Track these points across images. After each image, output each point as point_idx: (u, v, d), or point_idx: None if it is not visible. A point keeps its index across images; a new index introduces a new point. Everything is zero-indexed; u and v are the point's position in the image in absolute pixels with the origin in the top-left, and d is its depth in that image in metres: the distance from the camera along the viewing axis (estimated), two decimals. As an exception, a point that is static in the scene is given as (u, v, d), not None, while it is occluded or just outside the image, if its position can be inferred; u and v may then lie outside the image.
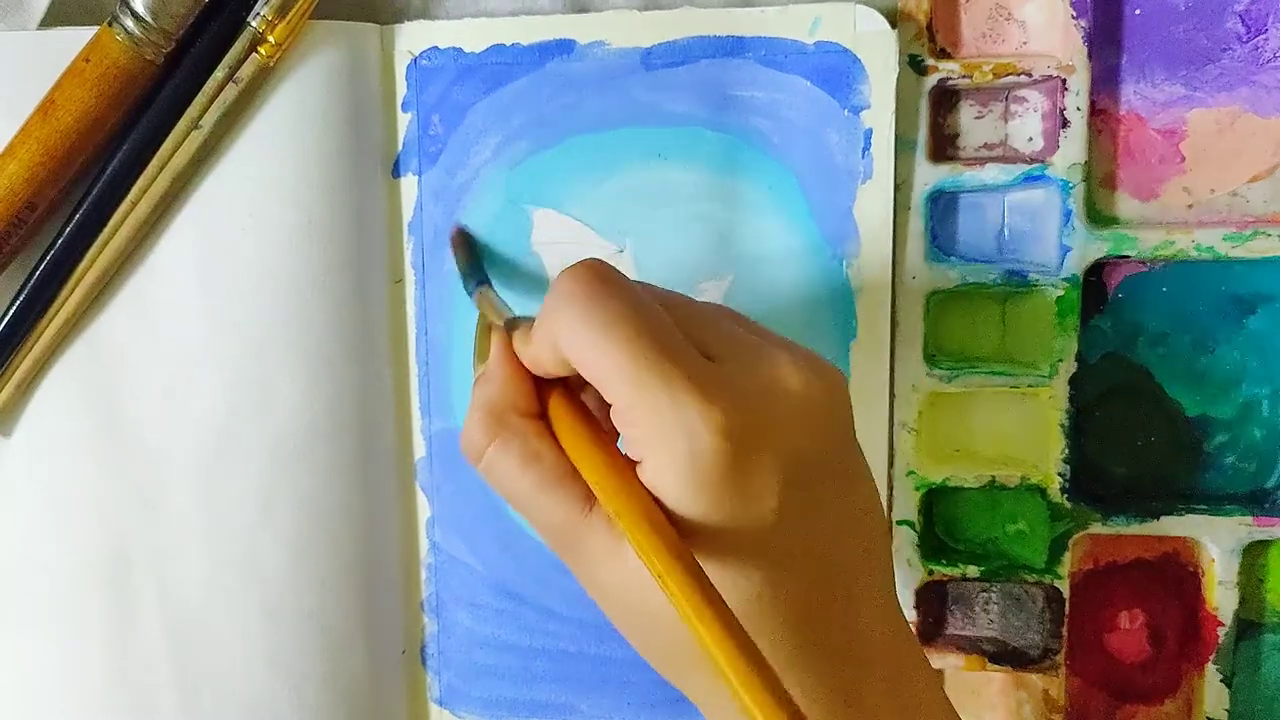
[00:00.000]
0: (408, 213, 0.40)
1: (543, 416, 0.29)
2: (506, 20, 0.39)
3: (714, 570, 0.26)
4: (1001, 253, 0.39)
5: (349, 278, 0.39)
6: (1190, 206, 0.39)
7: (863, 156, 0.38)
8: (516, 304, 0.39)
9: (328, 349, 0.39)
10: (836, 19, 0.37)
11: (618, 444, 0.28)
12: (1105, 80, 0.39)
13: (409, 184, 0.40)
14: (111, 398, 0.39)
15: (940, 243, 0.39)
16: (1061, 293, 0.38)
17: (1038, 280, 0.38)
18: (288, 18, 0.36)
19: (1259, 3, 0.38)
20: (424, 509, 0.41)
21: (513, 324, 0.31)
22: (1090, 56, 0.37)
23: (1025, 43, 0.38)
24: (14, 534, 0.40)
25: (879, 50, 0.37)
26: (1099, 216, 0.39)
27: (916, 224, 0.38)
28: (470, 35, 0.39)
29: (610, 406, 0.27)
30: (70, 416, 0.39)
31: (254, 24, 0.36)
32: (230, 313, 0.39)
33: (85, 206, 0.38)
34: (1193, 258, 0.38)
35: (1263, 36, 0.38)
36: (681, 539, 0.25)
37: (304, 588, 0.40)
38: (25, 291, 0.38)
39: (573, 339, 0.27)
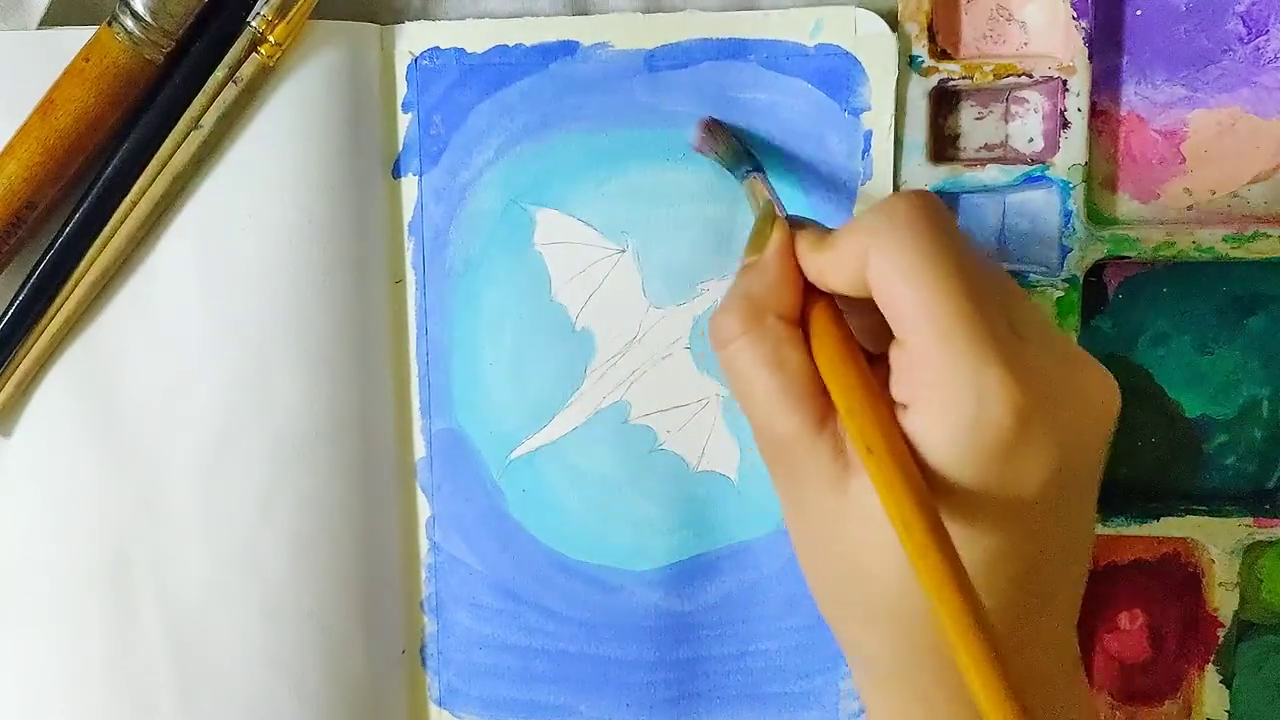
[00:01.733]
0: (408, 213, 0.40)
1: (799, 325, 0.28)
2: (510, 21, 0.39)
3: (952, 525, 0.25)
4: (1002, 253, 0.39)
5: (349, 278, 0.39)
6: (1191, 207, 0.39)
7: (863, 158, 0.38)
8: (517, 303, 0.40)
9: (328, 349, 0.39)
10: (837, 22, 0.37)
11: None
12: (1106, 81, 0.39)
13: (409, 184, 0.40)
14: (111, 398, 0.39)
15: (941, 243, 0.39)
16: (1062, 293, 0.38)
17: (1038, 281, 0.38)
18: (288, 18, 0.36)
19: (1260, 3, 0.38)
20: (424, 509, 0.41)
21: (797, 222, 0.30)
22: (1091, 57, 0.37)
23: (1026, 44, 0.38)
24: (14, 534, 0.40)
25: (879, 52, 0.37)
26: (1099, 217, 0.39)
27: (917, 225, 0.38)
28: (473, 36, 0.39)
29: (891, 338, 0.27)
30: (70, 416, 0.39)
31: (254, 24, 0.36)
32: (230, 313, 0.39)
33: (85, 206, 0.37)
34: (1193, 258, 0.38)
35: (1264, 37, 0.38)
36: (930, 491, 0.25)
37: (304, 588, 0.40)
38: (25, 291, 0.38)
39: (890, 264, 0.26)
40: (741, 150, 0.36)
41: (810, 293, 0.29)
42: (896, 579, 0.26)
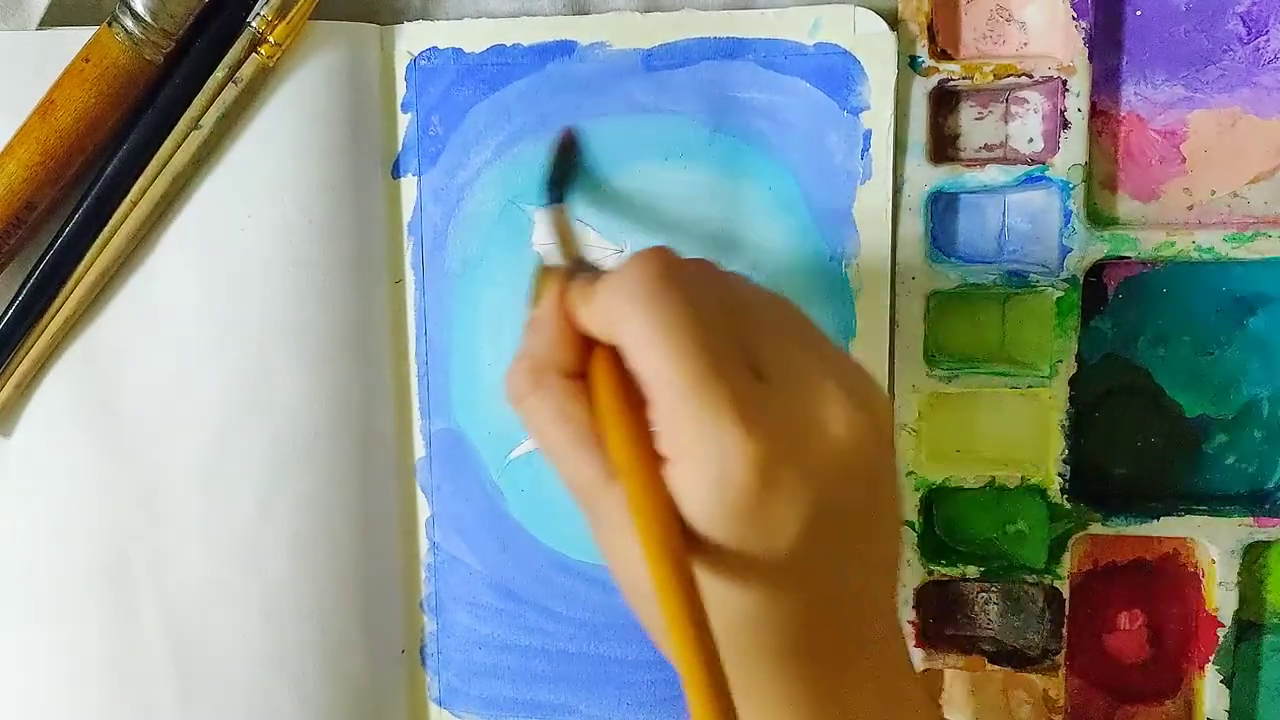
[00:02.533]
0: (408, 213, 0.40)
1: (581, 377, 0.29)
2: (507, 21, 0.39)
3: (713, 582, 0.26)
4: (1002, 253, 0.39)
5: (349, 278, 0.39)
6: (1191, 207, 0.39)
7: (862, 157, 0.38)
8: (516, 303, 0.40)
9: (328, 349, 0.39)
10: (836, 21, 0.37)
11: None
12: (1106, 81, 0.39)
13: (409, 184, 0.40)
14: (111, 398, 0.39)
15: (940, 243, 0.39)
16: (1062, 293, 0.38)
17: (1038, 281, 0.38)
18: (288, 18, 0.36)
19: (1260, 3, 0.38)
20: (424, 509, 0.42)
21: (573, 270, 0.30)
22: (1091, 57, 0.37)
23: (1026, 44, 0.38)
24: (14, 534, 0.40)
25: (878, 52, 0.37)
26: (1099, 217, 0.39)
27: (917, 225, 0.38)
28: (471, 36, 0.39)
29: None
30: (70, 416, 0.39)
31: (254, 24, 0.36)
32: (230, 313, 0.39)
33: (85, 207, 0.38)
34: (1193, 258, 0.38)
35: (1263, 37, 0.38)
36: (685, 544, 0.25)
37: (304, 588, 0.40)
38: (25, 291, 0.38)
39: (629, 331, 0.27)
40: (561, 177, 0.36)
41: (590, 338, 0.29)
42: None
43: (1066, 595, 0.39)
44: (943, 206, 0.39)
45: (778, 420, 0.26)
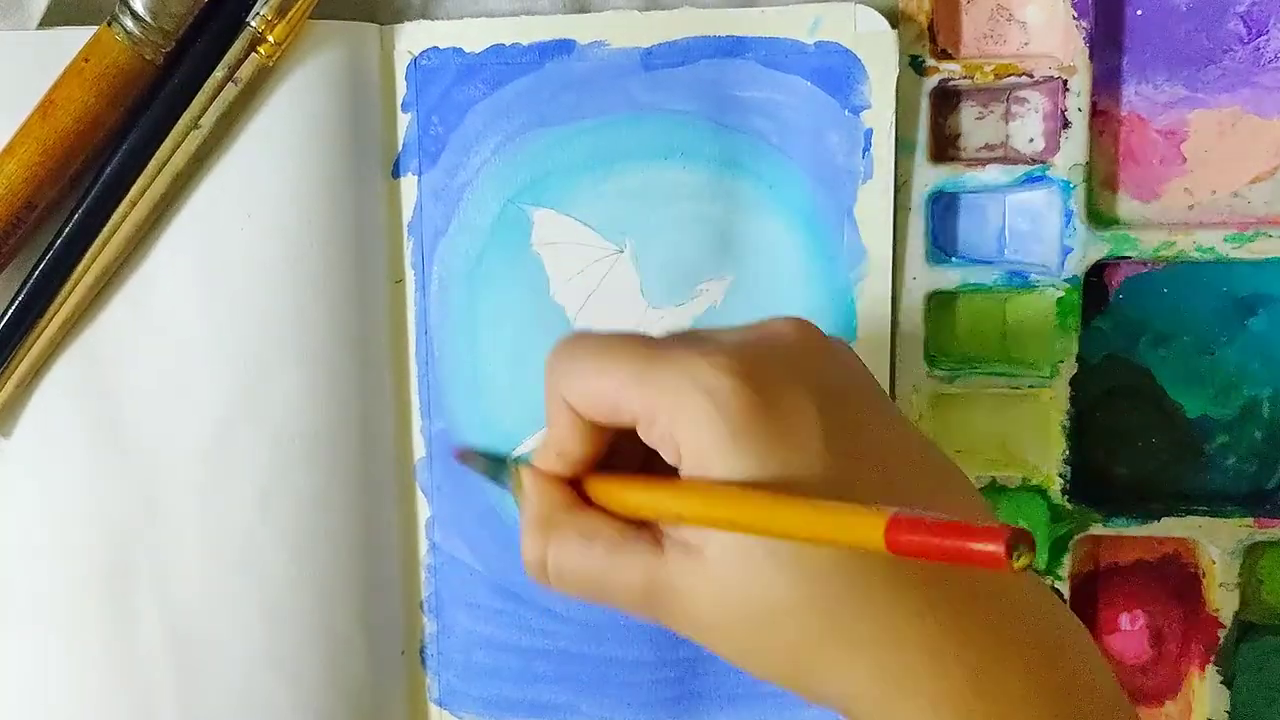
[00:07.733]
0: (408, 213, 0.40)
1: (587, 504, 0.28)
2: (506, 20, 0.39)
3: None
4: (1002, 253, 0.39)
5: (349, 278, 0.39)
6: (1191, 207, 0.39)
7: (863, 157, 0.38)
8: (516, 303, 0.40)
9: (328, 349, 0.39)
10: (837, 19, 0.37)
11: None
12: (1107, 81, 0.39)
13: (409, 184, 0.40)
14: (111, 398, 0.39)
15: (941, 243, 0.39)
16: (1062, 293, 0.38)
17: (1039, 281, 0.38)
18: (287, 18, 0.36)
19: (1260, 4, 0.38)
20: (424, 509, 0.41)
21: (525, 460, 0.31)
22: (1091, 57, 0.37)
23: (1026, 43, 0.38)
24: (14, 534, 0.40)
25: (879, 50, 0.37)
26: (1100, 217, 0.39)
27: (917, 224, 0.38)
28: (470, 35, 0.39)
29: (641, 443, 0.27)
30: (70, 416, 0.39)
31: (253, 24, 0.36)
32: (230, 313, 0.39)
33: (85, 206, 0.37)
34: (1194, 258, 0.38)
35: (1264, 37, 0.38)
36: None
37: (304, 588, 0.40)
38: (25, 291, 0.38)
39: (574, 379, 0.27)
40: (496, 460, 0.36)
41: (576, 482, 0.29)
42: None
43: (1068, 596, 0.39)
44: (943, 206, 0.39)
45: (733, 344, 0.26)
